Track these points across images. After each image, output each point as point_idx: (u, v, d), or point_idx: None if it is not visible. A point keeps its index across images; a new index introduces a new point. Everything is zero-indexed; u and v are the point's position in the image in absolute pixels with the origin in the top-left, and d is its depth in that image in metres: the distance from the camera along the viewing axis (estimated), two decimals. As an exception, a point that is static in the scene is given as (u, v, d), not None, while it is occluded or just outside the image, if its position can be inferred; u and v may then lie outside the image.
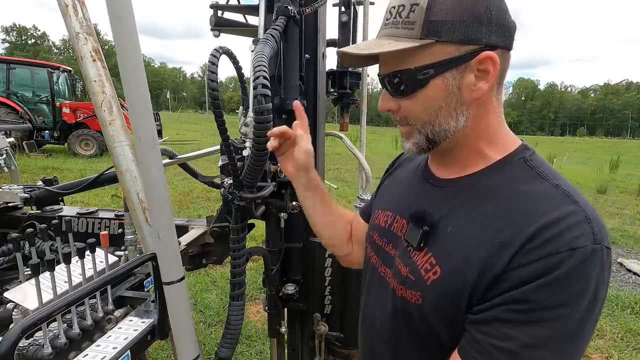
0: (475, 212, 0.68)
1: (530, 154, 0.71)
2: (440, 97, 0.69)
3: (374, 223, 0.91)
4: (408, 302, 0.74)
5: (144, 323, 1.05)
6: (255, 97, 0.99)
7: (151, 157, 0.67)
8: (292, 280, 1.51)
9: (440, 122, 0.70)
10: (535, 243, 0.58)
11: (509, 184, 0.67)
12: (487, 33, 0.64)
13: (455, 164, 0.76)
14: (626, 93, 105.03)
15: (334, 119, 3.08)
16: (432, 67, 0.66)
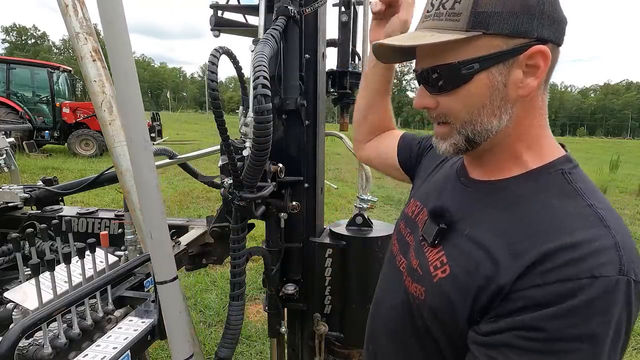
0: (496, 218, 0.65)
1: (571, 167, 0.66)
2: (484, 94, 0.64)
3: (405, 211, 0.91)
4: (412, 295, 0.74)
5: (144, 323, 1.05)
6: (255, 97, 0.99)
7: (143, 158, 0.68)
8: (292, 280, 1.51)
9: (483, 121, 0.65)
10: (553, 263, 0.54)
11: (538, 194, 0.63)
12: (538, 26, 0.60)
13: (490, 165, 0.72)
14: (626, 93, 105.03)
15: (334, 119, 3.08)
16: (478, 61, 0.62)
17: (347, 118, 1.89)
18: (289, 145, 1.44)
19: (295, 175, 1.43)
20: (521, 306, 0.55)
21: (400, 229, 0.89)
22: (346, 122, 1.90)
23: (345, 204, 6.84)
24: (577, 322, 0.52)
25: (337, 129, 1.87)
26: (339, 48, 1.71)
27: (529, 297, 0.54)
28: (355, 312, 1.52)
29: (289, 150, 1.44)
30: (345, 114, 1.87)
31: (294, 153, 1.44)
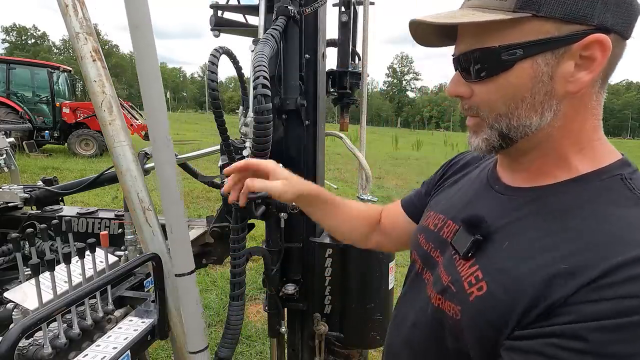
0: (542, 229, 0.57)
1: (631, 171, 0.58)
2: (526, 86, 0.56)
3: (423, 225, 0.83)
4: (444, 315, 0.66)
5: (144, 323, 1.05)
6: (255, 97, 0.99)
7: (165, 155, 0.71)
8: (292, 280, 1.51)
9: (520, 116, 0.58)
10: (614, 279, 0.46)
11: (593, 202, 0.55)
12: (601, 11, 0.51)
13: (531, 170, 0.64)
14: (626, 93, 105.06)
15: (334, 119, 3.08)
16: (522, 47, 0.54)
17: (347, 118, 1.89)
18: (289, 145, 1.44)
19: (295, 175, 1.43)
20: (567, 319, 0.48)
21: (421, 243, 0.80)
22: (346, 122, 1.90)
23: (345, 204, 6.84)
24: (626, 338, 0.44)
25: (337, 129, 1.88)
26: (339, 48, 1.71)
27: (578, 311, 0.47)
28: (355, 312, 1.52)
29: (289, 150, 1.44)
30: (345, 114, 1.87)
31: (294, 153, 1.44)
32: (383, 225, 1.05)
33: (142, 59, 0.65)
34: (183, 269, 0.78)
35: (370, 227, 1.06)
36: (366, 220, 1.06)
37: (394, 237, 1.03)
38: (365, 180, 1.78)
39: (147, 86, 0.66)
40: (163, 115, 0.68)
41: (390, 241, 1.04)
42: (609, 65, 0.55)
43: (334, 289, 1.52)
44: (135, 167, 1.10)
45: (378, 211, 1.08)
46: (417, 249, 0.83)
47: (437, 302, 0.69)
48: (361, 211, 1.07)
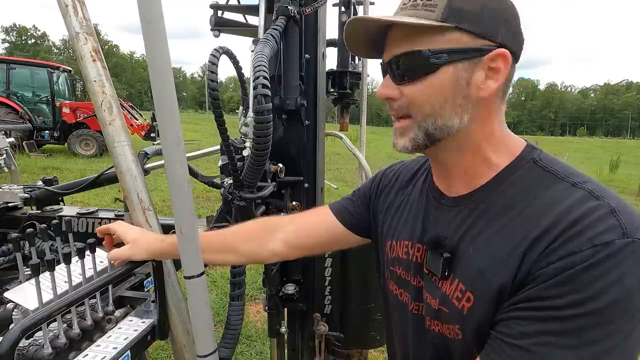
0: (494, 225, 0.64)
1: (539, 153, 0.68)
2: (448, 87, 0.64)
3: (392, 257, 0.84)
4: (446, 339, 0.69)
5: (144, 323, 1.05)
6: (255, 97, 0.99)
7: (176, 154, 0.71)
8: (292, 280, 1.51)
9: (444, 116, 0.66)
10: (556, 244, 0.55)
11: (524, 190, 0.64)
12: (504, 33, 0.63)
13: (462, 175, 0.72)
14: (626, 93, 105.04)
15: (334, 119, 3.08)
16: (447, 52, 0.63)
17: (347, 118, 1.89)
18: (289, 145, 1.44)
19: (295, 175, 1.43)
20: (529, 287, 0.56)
21: (400, 274, 0.81)
22: (346, 122, 1.90)
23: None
24: (577, 286, 0.52)
25: (337, 129, 1.88)
26: (339, 48, 1.71)
27: (535, 279, 0.56)
28: (355, 312, 1.52)
29: (289, 150, 1.44)
30: (345, 114, 1.87)
31: (294, 153, 1.44)
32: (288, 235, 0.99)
33: (154, 55, 0.64)
34: (193, 271, 0.78)
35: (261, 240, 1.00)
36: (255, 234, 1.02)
37: (306, 244, 0.99)
38: (365, 180, 1.78)
39: (159, 84, 0.66)
40: (175, 114, 0.68)
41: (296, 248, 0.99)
42: (506, 82, 0.66)
43: (334, 289, 1.52)
44: (135, 167, 1.10)
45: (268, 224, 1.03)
46: (397, 282, 0.83)
47: (436, 328, 0.71)
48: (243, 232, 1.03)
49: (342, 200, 1.00)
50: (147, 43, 0.64)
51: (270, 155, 1.13)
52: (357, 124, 2.09)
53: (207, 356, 0.85)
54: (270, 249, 0.99)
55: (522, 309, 0.56)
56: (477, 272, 0.63)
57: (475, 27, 0.62)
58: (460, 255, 0.67)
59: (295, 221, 1.01)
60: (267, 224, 1.03)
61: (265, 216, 1.34)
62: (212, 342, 0.85)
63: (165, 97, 0.67)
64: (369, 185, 0.97)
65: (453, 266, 0.68)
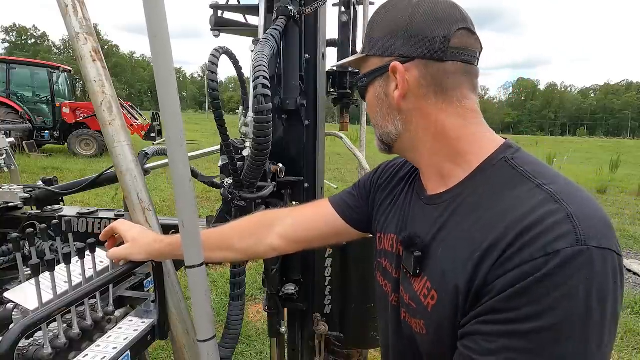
0: (461, 227, 0.65)
1: (513, 151, 0.66)
2: (375, 103, 0.76)
3: (380, 249, 0.87)
4: (412, 331, 0.72)
5: (144, 323, 1.05)
6: (255, 97, 0.99)
7: (179, 154, 0.78)
8: (292, 280, 1.51)
9: (381, 126, 0.77)
10: (511, 252, 0.54)
11: (491, 190, 0.63)
12: (401, 45, 0.69)
13: (436, 175, 0.74)
14: (626, 93, 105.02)
15: (334, 119, 3.09)
16: (365, 76, 0.77)
17: (347, 118, 1.89)
18: (289, 145, 1.44)
19: (295, 175, 1.43)
20: (489, 297, 0.55)
21: (385, 266, 0.84)
22: (346, 122, 1.90)
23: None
24: (533, 298, 0.51)
25: (337, 129, 1.88)
26: (339, 48, 1.71)
27: (493, 288, 0.55)
28: (355, 312, 1.52)
29: (289, 150, 1.44)
30: (346, 114, 1.87)
31: (294, 153, 1.44)
32: (287, 229, 0.99)
33: (159, 65, 0.72)
34: (194, 261, 0.85)
35: (259, 235, 1.00)
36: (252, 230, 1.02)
37: (305, 238, 1.00)
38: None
39: (164, 89, 0.73)
40: (177, 116, 0.76)
41: (295, 242, 1.00)
42: (434, 81, 0.68)
43: (334, 289, 1.52)
44: (135, 167, 1.10)
45: (266, 218, 1.03)
46: (382, 273, 0.86)
47: (407, 319, 0.74)
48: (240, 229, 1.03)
49: (343, 194, 1.01)
50: (153, 54, 0.71)
51: (270, 155, 1.13)
52: (357, 124, 2.09)
53: (206, 341, 0.91)
54: (268, 244, 0.99)
55: (485, 323, 0.56)
56: (441, 273, 0.64)
57: (378, 50, 0.73)
58: (431, 254, 0.69)
59: (293, 214, 1.01)
60: (265, 218, 1.03)
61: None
62: (211, 328, 0.91)
63: (170, 101, 0.74)
64: (369, 178, 0.98)
65: (424, 265, 0.69)
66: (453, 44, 0.67)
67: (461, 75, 0.69)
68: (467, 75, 0.69)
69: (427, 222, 0.72)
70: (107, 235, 1.10)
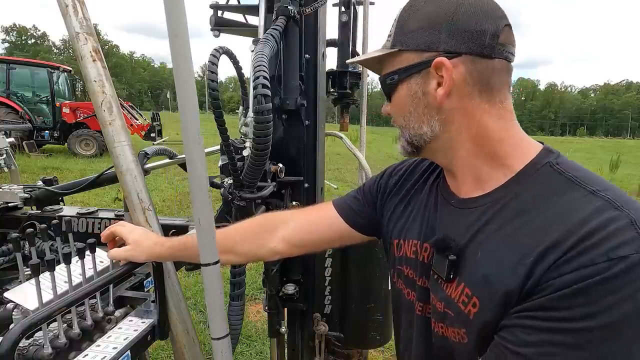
0: (505, 231, 0.62)
1: (555, 156, 0.65)
2: (407, 102, 0.71)
3: (399, 256, 0.83)
4: (449, 341, 0.68)
5: (144, 323, 1.05)
6: (255, 97, 0.99)
7: (197, 152, 0.80)
8: (292, 280, 1.51)
9: (413, 127, 0.72)
10: (570, 255, 0.53)
11: (537, 196, 0.62)
12: (445, 39, 0.65)
13: (472, 178, 0.71)
14: (626, 93, 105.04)
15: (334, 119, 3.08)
16: (396, 73, 0.71)
17: (347, 118, 1.89)
18: (289, 145, 1.44)
19: (295, 175, 1.43)
20: (538, 296, 0.55)
21: (408, 274, 0.81)
22: (346, 122, 1.90)
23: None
24: (590, 300, 0.51)
25: (337, 129, 1.88)
26: (339, 48, 1.71)
27: (545, 288, 0.54)
28: (355, 312, 1.52)
29: (289, 150, 1.44)
30: (346, 114, 1.87)
31: (294, 153, 1.44)
32: (289, 232, 0.98)
33: (179, 65, 0.73)
34: (209, 259, 0.87)
35: (261, 239, 1.00)
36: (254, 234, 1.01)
37: (307, 242, 0.99)
38: (365, 180, 1.78)
39: (183, 89, 0.75)
40: (195, 116, 0.77)
41: (297, 246, 0.99)
42: (480, 79, 0.65)
43: (334, 289, 1.52)
44: (135, 167, 1.10)
45: (268, 222, 1.02)
46: (404, 281, 0.82)
47: (441, 330, 0.70)
48: (243, 232, 1.03)
49: (347, 198, 0.99)
50: (173, 54, 0.72)
51: (270, 155, 1.13)
52: (357, 124, 2.09)
53: (220, 338, 0.92)
54: (270, 248, 0.98)
55: (528, 318, 0.55)
56: (483, 278, 0.62)
57: (415, 44, 0.67)
58: (467, 258, 0.66)
59: (296, 218, 1.00)
60: (268, 222, 1.02)
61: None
62: (225, 326, 0.92)
63: (188, 101, 0.75)
64: (375, 182, 0.96)
65: (459, 269, 0.66)
66: (501, 40, 0.64)
67: (505, 74, 0.67)
68: (508, 73, 0.68)
69: (461, 226, 0.69)
70: (109, 238, 1.09)
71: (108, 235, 1.08)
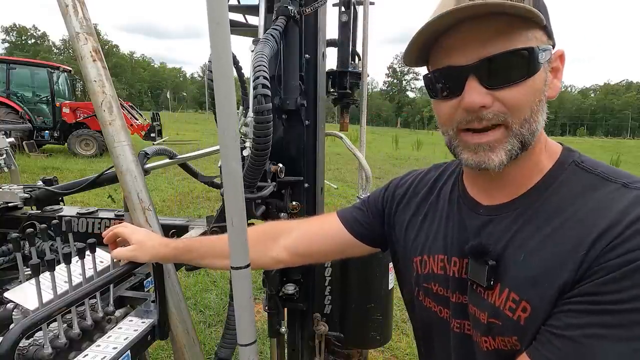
0: (545, 230, 0.62)
1: (578, 155, 0.67)
2: (540, 89, 0.61)
3: (426, 273, 0.79)
4: (501, 352, 0.65)
5: (144, 323, 1.05)
6: (255, 97, 0.99)
7: (232, 149, 0.75)
8: (292, 280, 1.51)
9: (537, 120, 0.61)
10: (616, 242, 0.54)
11: (571, 194, 0.62)
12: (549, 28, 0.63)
13: (510, 183, 0.68)
14: (626, 93, 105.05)
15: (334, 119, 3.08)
16: (547, 50, 0.60)
17: (347, 118, 1.89)
18: (289, 145, 1.44)
19: (295, 175, 1.44)
20: (586, 282, 0.55)
21: (437, 291, 0.77)
22: (346, 122, 1.90)
23: (345, 204, 6.84)
24: (635, 283, 0.51)
25: (337, 129, 1.88)
26: (339, 48, 1.71)
27: (592, 274, 0.55)
28: (355, 312, 1.52)
29: (289, 150, 1.44)
30: (346, 114, 1.87)
31: (294, 153, 1.44)
32: (292, 242, 0.97)
33: (219, 55, 0.68)
34: (240, 262, 0.82)
35: (264, 247, 0.99)
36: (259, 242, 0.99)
37: (310, 252, 0.98)
38: (365, 181, 1.79)
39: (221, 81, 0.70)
40: (233, 110, 0.72)
41: (300, 256, 0.98)
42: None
43: (334, 289, 1.52)
44: (135, 167, 1.10)
45: (272, 230, 1.02)
46: (434, 299, 0.78)
47: (486, 344, 0.67)
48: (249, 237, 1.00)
49: (351, 209, 0.97)
50: (213, 44, 0.68)
51: (270, 155, 1.13)
52: (357, 124, 2.09)
53: (248, 345, 0.89)
54: (272, 257, 0.98)
55: (575, 303, 0.56)
56: (531, 280, 0.60)
57: (548, 24, 0.61)
58: (507, 263, 0.64)
59: (300, 228, 0.99)
60: (271, 230, 1.02)
61: (266, 215, 1.34)
62: (253, 332, 0.88)
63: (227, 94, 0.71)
64: (381, 195, 0.93)
65: (499, 275, 0.64)
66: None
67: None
68: None
69: (494, 232, 0.67)
70: (111, 240, 1.09)
71: (110, 237, 1.08)
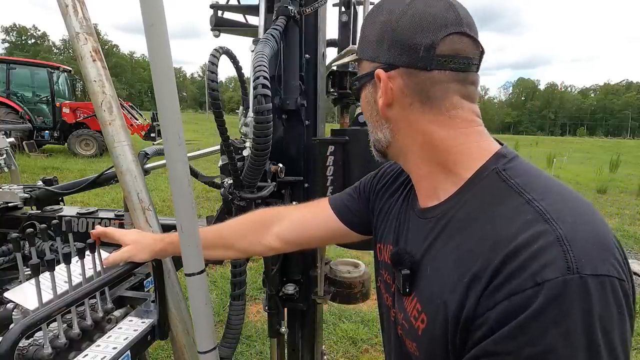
0: (449, 246, 0.61)
1: (506, 161, 0.61)
2: (366, 108, 0.75)
3: (380, 260, 0.84)
4: (409, 351, 0.69)
5: (144, 323, 1.05)
6: (256, 97, 0.99)
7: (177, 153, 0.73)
8: (292, 280, 1.51)
9: (373, 131, 0.75)
10: (500, 279, 0.49)
11: (479, 206, 0.59)
12: (386, 52, 0.66)
13: (427, 187, 0.70)
14: (626, 93, 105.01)
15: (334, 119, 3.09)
16: (357, 79, 0.74)
17: (347, 118, 1.89)
18: (289, 145, 1.44)
19: (295, 175, 1.44)
20: (483, 334, 0.51)
21: (386, 279, 0.80)
22: (346, 122, 1.90)
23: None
24: (531, 339, 0.46)
25: (337, 129, 1.88)
26: (339, 48, 1.71)
27: (486, 323, 0.50)
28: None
29: (289, 150, 1.44)
30: (346, 114, 1.87)
31: (294, 153, 1.44)
32: (284, 230, 0.98)
33: (156, 57, 0.66)
34: (194, 268, 0.80)
35: (256, 235, 1.00)
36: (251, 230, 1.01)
37: (302, 239, 0.99)
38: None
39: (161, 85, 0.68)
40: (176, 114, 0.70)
41: (292, 243, 0.99)
42: (418, 90, 0.65)
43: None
44: (135, 167, 1.10)
45: (264, 218, 1.02)
46: (384, 285, 0.82)
47: (403, 337, 0.71)
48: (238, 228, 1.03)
49: (343, 196, 0.98)
50: (149, 46, 0.66)
51: (270, 155, 1.13)
52: (357, 124, 2.09)
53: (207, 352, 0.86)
54: (265, 244, 0.98)
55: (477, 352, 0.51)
56: (430, 294, 0.61)
57: (366, 55, 0.71)
58: (421, 272, 0.65)
59: (291, 215, 1.00)
60: (264, 218, 1.02)
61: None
62: (212, 339, 0.86)
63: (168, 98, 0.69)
64: (370, 181, 0.95)
65: (414, 283, 0.66)
66: (440, 51, 0.61)
67: (450, 84, 0.63)
68: (459, 82, 0.64)
69: (419, 237, 0.68)
70: (97, 235, 1.05)
71: (99, 232, 1.05)
